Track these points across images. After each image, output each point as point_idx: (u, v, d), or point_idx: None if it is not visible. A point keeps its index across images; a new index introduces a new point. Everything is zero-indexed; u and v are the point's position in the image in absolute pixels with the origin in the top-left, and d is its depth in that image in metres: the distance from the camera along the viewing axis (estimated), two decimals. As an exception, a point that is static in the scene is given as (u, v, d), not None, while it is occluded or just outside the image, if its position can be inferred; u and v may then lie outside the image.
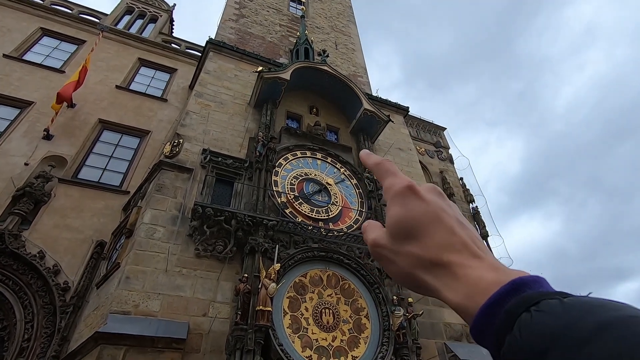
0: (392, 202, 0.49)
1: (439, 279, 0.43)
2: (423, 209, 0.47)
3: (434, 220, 0.46)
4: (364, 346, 7.09)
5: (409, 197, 0.48)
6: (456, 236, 0.44)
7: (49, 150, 9.64)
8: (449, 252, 0.43)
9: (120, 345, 5.40)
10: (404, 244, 0.46)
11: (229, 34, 15.07)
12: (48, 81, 11.15)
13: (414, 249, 0.45)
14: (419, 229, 0.46)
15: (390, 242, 0.48)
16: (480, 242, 0.46)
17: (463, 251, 0.43)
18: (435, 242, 0.44)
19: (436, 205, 0.47)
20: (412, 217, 0.46)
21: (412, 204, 0.47)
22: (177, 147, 8.63)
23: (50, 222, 8.45)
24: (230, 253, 7.20)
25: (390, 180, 0.52)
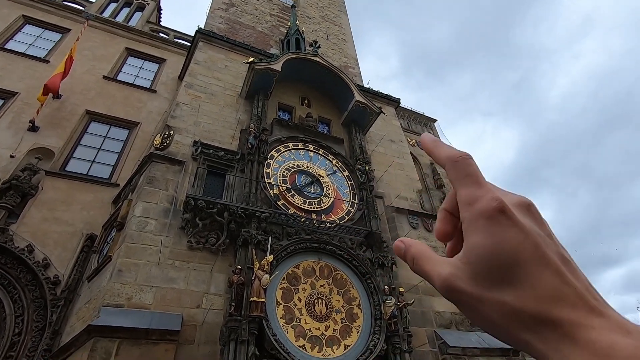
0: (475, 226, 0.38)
1: (547, 341, 0.32)
2: (521, 241, 0.35)
3: (536, 259, 0.35)
4: (356, 335, 7.22)
5: (501, 224, 0.36)
6: (568, 284, 0.34)
7: (35, 142, 9.43)
8: (560, 305, 0.33)
9: (114, 337, 5.40)
10: (493, 289, 0.35)
11: (218, 23, 14.82)
12: (32, 71, 10.85)
13: (509, 298, 0.34)
14: (516, 270, 0.35)
15: (473, 284, 0.36)
16: (594, 288, 0.36)
17: (579, 305, 0.33)
18: (539, 291, 0.34)
19: (537, 236, 0.36)
20: (507, 254, 0.35)
21: (506, 233, 0.36)
22: (167, 139, 8.53)
23: (38, 215, 8.31)
24: (223, 245, 7.20)
25: (471, 191, 0.39)
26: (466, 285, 0.37)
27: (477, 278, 0.36)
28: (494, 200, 0.37)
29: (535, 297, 0.33)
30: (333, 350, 6.83)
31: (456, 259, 0.39)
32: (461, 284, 0.37)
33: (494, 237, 0.36)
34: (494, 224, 0.36)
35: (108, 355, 5.26)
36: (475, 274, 0.36)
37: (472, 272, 0.37)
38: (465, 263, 0.37)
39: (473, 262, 0.37)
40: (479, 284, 0.36)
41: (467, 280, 0.37)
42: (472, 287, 0.36)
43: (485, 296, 0.36)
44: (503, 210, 0.37)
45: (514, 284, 0.34)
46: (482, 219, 0.37)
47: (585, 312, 0.32)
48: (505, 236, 0.36)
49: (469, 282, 0.37)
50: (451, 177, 0.42)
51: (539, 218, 0.39)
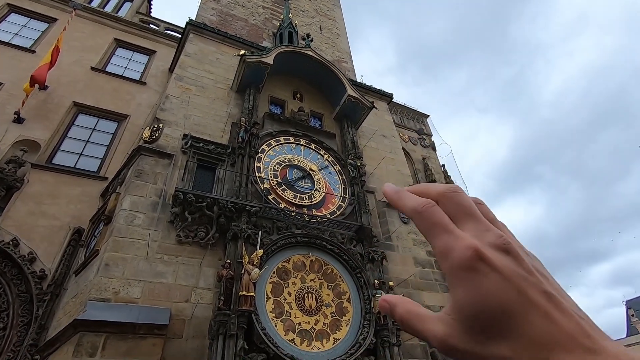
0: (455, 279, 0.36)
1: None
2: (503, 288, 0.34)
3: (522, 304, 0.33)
4: (346, 329, 7.25)
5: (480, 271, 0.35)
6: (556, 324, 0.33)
7: (21, 134, 9.24)
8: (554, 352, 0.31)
9: (100, 332, 5.35)
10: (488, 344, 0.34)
11: (210, 15, 14.61)
12: (18, 61, 10.59)
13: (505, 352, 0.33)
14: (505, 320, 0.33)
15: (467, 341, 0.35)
16: (589, 323, 0.34)
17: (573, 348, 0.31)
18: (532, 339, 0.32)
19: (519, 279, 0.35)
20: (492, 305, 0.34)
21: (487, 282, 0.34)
22: (156, 132, 8.41)
23: (24, 208, 8.17)
24: (212, 239, 7.15)
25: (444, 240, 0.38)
26: (462, 344, 0.35)
27: (470, 334, 0.35)
28: (468, 249, 0.36)
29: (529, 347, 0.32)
30: (322, 343, 6.85)
31: (447, 316, 0.37)
32: (457, 343, 0.35)
33: (476, 289, 0.35)
34: (474, 274, 0.35)
35: (94, 350, 5.21)
36: (467, 330, 0.35)
37: (464, 328, 0.35)
38: (456, 320, 0.36)
39: (462, 319, 0.35)
40: (473, 340, 0.35)
41: (461, 338, 0.35)
42: (468, 344, 0.35)
43: (483, 353, 0.34)
44: (480, 258, 0.35)
45: (507, 336, 0.33)
46: (460, 271, 0.36)
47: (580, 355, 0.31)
48: (486, 286, 0.34)
49: (463, 339, 0.35)
50: (420, 229, 0.40)
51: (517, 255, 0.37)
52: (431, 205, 0.40)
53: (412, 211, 0.41)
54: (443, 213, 0.39)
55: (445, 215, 0.39)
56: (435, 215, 0.39)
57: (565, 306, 0.35)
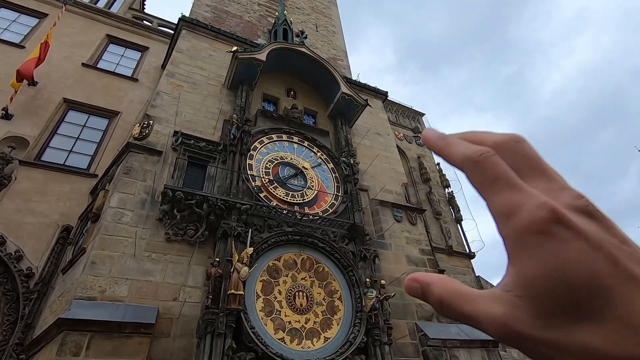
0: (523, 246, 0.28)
1: None
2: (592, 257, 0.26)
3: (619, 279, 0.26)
4: (337, 327, 7.20)
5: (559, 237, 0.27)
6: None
7: (9, 130, 9.10)
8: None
9: (85, 331, 5.26)
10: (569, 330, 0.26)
11: (204, 11, 14.47)
12: (6, 57, 10.43)
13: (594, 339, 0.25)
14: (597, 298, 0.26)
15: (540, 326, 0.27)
16: None
17: None
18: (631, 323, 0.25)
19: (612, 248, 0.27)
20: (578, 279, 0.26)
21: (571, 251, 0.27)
22: (146, 129, 8.30)
23: (11, 206, 8.05)
24: (201, 237, 7.07)
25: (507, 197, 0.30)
26: (531, 329, 0.27)
27: (544, 317, 0.27)
28: (542, 208, 0.28)
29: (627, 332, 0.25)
30: (313, 342, 6.79)
31: (507, 293, 0.29)
32: (524, 328, 0.27)
33: (555, 260, 0.27)
34: (549, 240, 0.27)
35: (78, 350, 5.12)
36: (540, 312, 0.27)
37: (535, 310, 0.27)
38: (523, 298, 0.28)
39: (535, 297, 0.27)
40: (548, 325, 0.27)
41: (530, 322, 0.27)
42: (540, 330, 0.27)
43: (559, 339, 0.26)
44: (558, 220, 0.28)
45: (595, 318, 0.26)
46: (532, 235, 0.28)
47: None
48: (569, 255, 0.27)
49: (533, 323, 0.27)
50: (475, 183, 0.32)
51: (604, 220, 0.29)
52: (491, 154, 0.32)
53: (466, 160, 0.33)
54: (506, 165, 0.32)
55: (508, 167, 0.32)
56: (498, 167, 0.31)
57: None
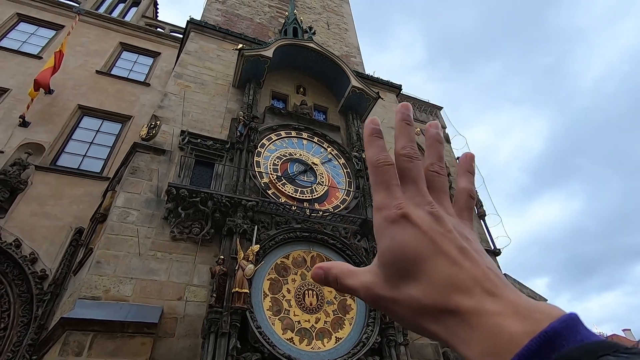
0: (382, 232, 0.40)
1: (449, 329, 0.33)
2: (419, 238, 0.38)
3: (433, 252, 0.37)
4: (349, 327, 6.85)
5: (401, 226, 0.39)
6: (463, 269, 0.35)
7: (26, 137, 9.37)
8: (456, 293, 0.34)
9: (88, 331, 5.18)
10: (401, 287, 0.37)
11: (215, 15, 14.56)
12: (24, 67, 10.81)
13: (414, 292, 0.36)
14: (417, 265, 0.37)
15: (387, 287, 0.38)
16: (496, 273, 0.36)
17: (474, 290, 0.34)
18: (438, 281, 0.35)
19: (434, 232, 0.38)
20: (408, 252, 0.37)
21: (404, 233, 0.38)
22: (154, 129, 8.29)
23: (27, 210, 8.22)
24: (207, 235, 6.93)
25: (382, 197, 0.42)
26: (382, 290, 0.38)
27: (389, 280, 0.38)
28: (398, 207, 0.40)
29: (434, 288, 0.35)
30: (324, 343, 6.48)
31: (373, 266, 0.40)
32: (379, 290, 0.38)
33: (397, 239, 0.38)
34: (396, 227, 0.39)
35: (81, 349, 5.05)
36: (387, 277, 0.38)
37: (385, 276, 0.38)
38: (379, 267, 0.39)
39: (383, 265, 0.39)
40: (390, 286, 0.38)
41: (382, 285, 0.38)
42: (387, 290, 0.38)
43: (395, 295, 0.37)
44: (405, 215, 0.39)
45: (417, 279, 0.36)
46: (387, 224, 0.40)
47: (480, 296, 0.33)
48: (405, 236, 0.38)
49: (384, 285, 0.38)
50: (370, 180, 0.44)
51: (440, 217, 0.40)
52: (388, 163, 0.43)
53: (370, 162, 0.44)
54: (394, 173, 0.43)
55: (395, 175, 0.42)
56: (386, 174, 0.42)
57: (475, 258, 0.37)
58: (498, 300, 0.32)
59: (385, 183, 0.42)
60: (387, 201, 0.41)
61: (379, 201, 0.41)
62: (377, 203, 0.41)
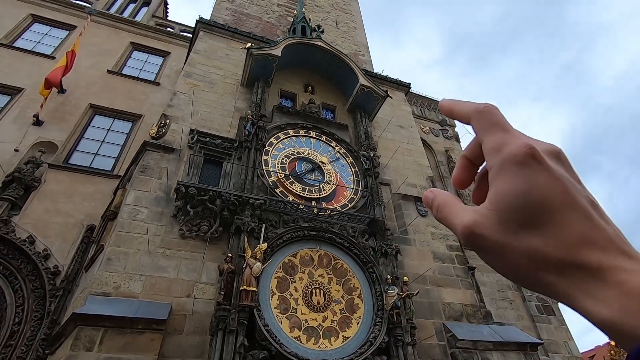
0: (503, 171, 0.36)
1: (577, 284, 0.32)
2: (551, 185, 0.35)
3: (566, 203, 0.34)
4: (356, 326, 6.83)
5: (532, 168, 0.35)
6: (598, 228, 0.33)
7: (39, 136, 9.55)
8: (589, 248, 0.32)
9: (98, 326, 5.27)
10: (520, 235, 0.34)
11: (224, 15, 14.62)
12: (38, 67, 11.01)
13: (537, 243, 0.33)
14: (546, 214, 0.34)
15: (499, 230, 0.35)
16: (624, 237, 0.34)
17: (609, 248, 0.32)
18: (569, 234, 0.33)
19: (566, 181, 0.36)
20: (537, 199, 0.34)
21: (537, 178, 0.35)
22: (163, 128, 8.39)
23: (40, 207, 8.39)
24: (215, 233, 6.98)
25: (499, 137, 0.38)
26: (491, 232, 0.36)
27: (504, 224, 0.35)
28: (525, 146, 0.36)
29: (564, 241, 0.33)
30: (330, 342, 6.48)
31: (482, 207, 0.38)
32: (484, 231, 0.36)
33: (524, 183, 0.35)
34: (524, 168, 0.35)
35: (92, 345, 5.13)
36: (502, 220, 0.35)
37: (499, 219, 0.36)
38: (492, 210, 0.36)
39: (501, 209, 0.36)
40: (505, 231, 0.35)
41: (492, 227, 0.36)
42: (498, 233, 0.35)
43: (511, 242, 0.35)
44: (534, 156, 0.36)
45: (543, 229, 0.34)
46: (512, 164, 0.36)
47: (615, 255, 0.32)
48: (535, 181, 0.35)
49: (495, 228, 0.36)
50: (477, 128, 0.41)
51: (569, 165, 0.39)
52: (494, 107, 0.41)
53: (474, 111, 0.41)
54: (502, 116, 0.40)
55: (505, 118, 0.40)
56: (498, 116, 0.40)
57: (607, 217, 0.35)
58: (634, 260, 0.31)
59: (499, 124, 0.39)
60: (507, 139, 0.38)
61: (497, 141, 0.38)
62: (494, 144, 0.38)
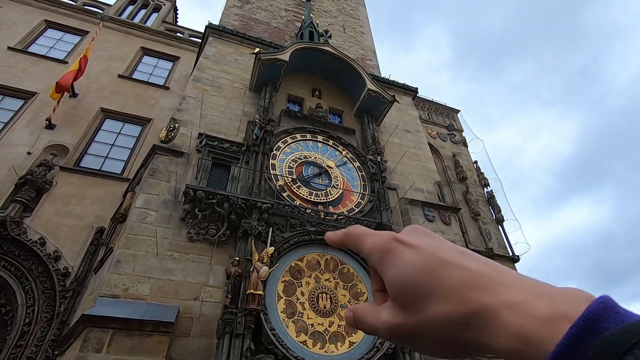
0: (383, 264, 0.41)
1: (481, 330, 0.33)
2: (420, 257, 0.38)
3: (438, 264, 0.37)
4: (363, 332, 6.79)
5: (398, 250, 0.39)
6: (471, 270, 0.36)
7: (51, 139, 9.73)
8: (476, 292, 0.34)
9: (107, 328, 5.32)
10: (423, 309, 0.36)
11: (233, 20, 14.79)
12: (51, 72, 11.24)
13: (439, 308, 0.35)
14: (429, 282, 0.36)
15: (405, 316, 0.37)
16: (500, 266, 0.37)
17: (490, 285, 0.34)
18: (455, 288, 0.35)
19: (430, 246, 0.39)
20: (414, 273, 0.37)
21: (405, 256, 0.39)
22: (172, 132, 8.49)
23: (51, 209, 8.53)
24: (223, 237, 7.02)
25: (369, 241, 0.43)
26: (403, 319, 0.37)
27: (405, 307, 0.37)
28: (385, 234, 0.42)
29: (454, 296, 0.34)
30: (337, 347, 6.46)
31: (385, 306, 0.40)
32: (396, 320, 0.38)
33: (399, 265, 0.38)
34: (393, 253, 0.39)
35: (100, 346, 5.18)
36: (404, 305, 0.37)
37: (401, 305, 0.38)
38: (392, 299, 0.39)
39: (397, 295, 0.38)
40: (410, 312, 0.37)
41: (401, 315, 0.37)
42: (408, 317, 0.37)
43: (420, 320, 0.36)
44: (394, 238, 0.41)
45: (434, 294, 0.35)
46: (382, 254, 0.40)
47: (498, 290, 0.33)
48: (406, 259, 0.38)
49: (403, 315, 0.37)
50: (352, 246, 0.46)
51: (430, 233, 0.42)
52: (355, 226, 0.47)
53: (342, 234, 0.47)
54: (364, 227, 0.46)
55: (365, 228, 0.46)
56: (359, 228, 0.46)
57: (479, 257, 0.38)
58: (516, 289, 0.33)
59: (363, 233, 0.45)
60: (374, 239, 0.42)
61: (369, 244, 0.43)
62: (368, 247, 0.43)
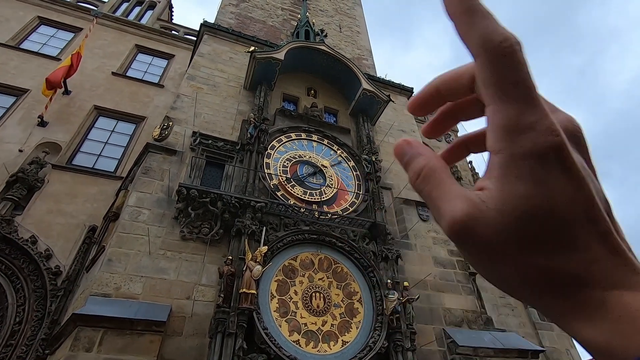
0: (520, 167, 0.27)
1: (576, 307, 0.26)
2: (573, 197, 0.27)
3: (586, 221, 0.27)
4: (356, 331, 6.81)
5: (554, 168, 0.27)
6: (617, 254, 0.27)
7: (44, 136, 9.63)
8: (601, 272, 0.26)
9: (98, 327, 5.28)
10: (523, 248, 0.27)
11: (228, 18, 14.72)
12: (44, 69, 11.11)
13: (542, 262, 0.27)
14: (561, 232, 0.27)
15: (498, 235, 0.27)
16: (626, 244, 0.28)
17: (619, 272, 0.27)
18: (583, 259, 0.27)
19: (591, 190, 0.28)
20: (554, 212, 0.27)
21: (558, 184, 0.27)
22: (166, 130, 8.43)
23: (43, 207, 8.44)
24: (216, 236, 7.00)
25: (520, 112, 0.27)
26: (488, 235, 0.28)
27: (506, 231, 0.27)
28: (553, 133, 0.27)
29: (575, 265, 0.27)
30: (330, 346, 6.46)
31: (481, 199, 0.29)
32: (480, 231, 0.28)
33: (543, 189, 0.27)
34: (544, 167, 0.27)
35: (91, 345, 5.14)
36: (505, 226, 0.27)
37: (502, 223, 0.27)
38: (497, 209, 0.28)
39: (509, 214, 0.27)
40: (506, 239, 0.27)
41: (490, 229, 0.28)
42: (497, 238, 0.27)
43: (510, 253, 0.27)
44: (560, 149, 0.27)
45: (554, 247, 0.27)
46: (532, 158, 0.27)
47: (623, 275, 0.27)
48: (556, 189, 0.27)
49: (493, 231, 0.27)
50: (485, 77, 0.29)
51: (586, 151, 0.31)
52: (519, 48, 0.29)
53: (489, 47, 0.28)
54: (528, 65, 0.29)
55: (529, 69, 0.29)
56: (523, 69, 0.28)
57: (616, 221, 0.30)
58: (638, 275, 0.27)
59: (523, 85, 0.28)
60: (531, 119, 0.27)
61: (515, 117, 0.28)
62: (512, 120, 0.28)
